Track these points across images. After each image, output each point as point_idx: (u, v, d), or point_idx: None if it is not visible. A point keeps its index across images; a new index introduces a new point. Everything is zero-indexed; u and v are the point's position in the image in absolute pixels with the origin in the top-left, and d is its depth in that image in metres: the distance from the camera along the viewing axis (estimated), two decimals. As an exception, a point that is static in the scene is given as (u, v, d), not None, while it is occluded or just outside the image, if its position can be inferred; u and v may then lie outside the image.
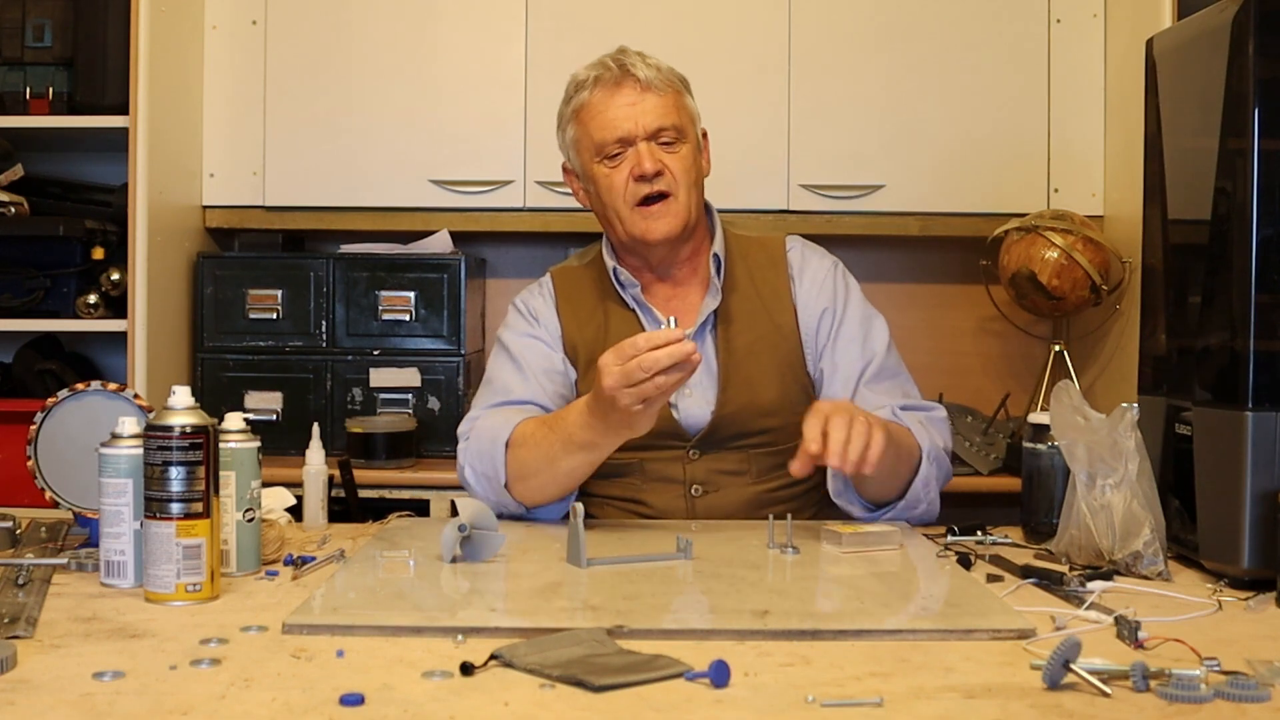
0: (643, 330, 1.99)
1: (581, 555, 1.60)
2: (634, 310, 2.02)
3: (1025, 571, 1.57)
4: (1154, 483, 1.62)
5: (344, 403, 3.02)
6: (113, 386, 1.75)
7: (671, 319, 1.68)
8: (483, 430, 1.92)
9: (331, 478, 2.02)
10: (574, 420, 1.81)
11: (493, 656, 1.19)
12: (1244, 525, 1.54)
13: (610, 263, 2.03)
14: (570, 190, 2.09)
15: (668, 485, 1.97)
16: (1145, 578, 1.57)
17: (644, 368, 1.65)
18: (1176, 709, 1.08)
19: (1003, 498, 2.67)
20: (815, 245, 2.11)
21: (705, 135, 2.06)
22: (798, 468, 1.71)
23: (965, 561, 1.63)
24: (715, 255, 2.01)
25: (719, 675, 1.13)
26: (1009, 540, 1.80)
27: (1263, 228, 1.56)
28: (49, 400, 1.75)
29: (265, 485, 1.68)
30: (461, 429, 1.99)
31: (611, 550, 1.67)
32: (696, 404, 1.98)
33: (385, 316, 3.03)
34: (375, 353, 3.03)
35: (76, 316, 2.90)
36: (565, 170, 2.07)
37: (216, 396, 2.97)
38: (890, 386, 1.98)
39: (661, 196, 1.94)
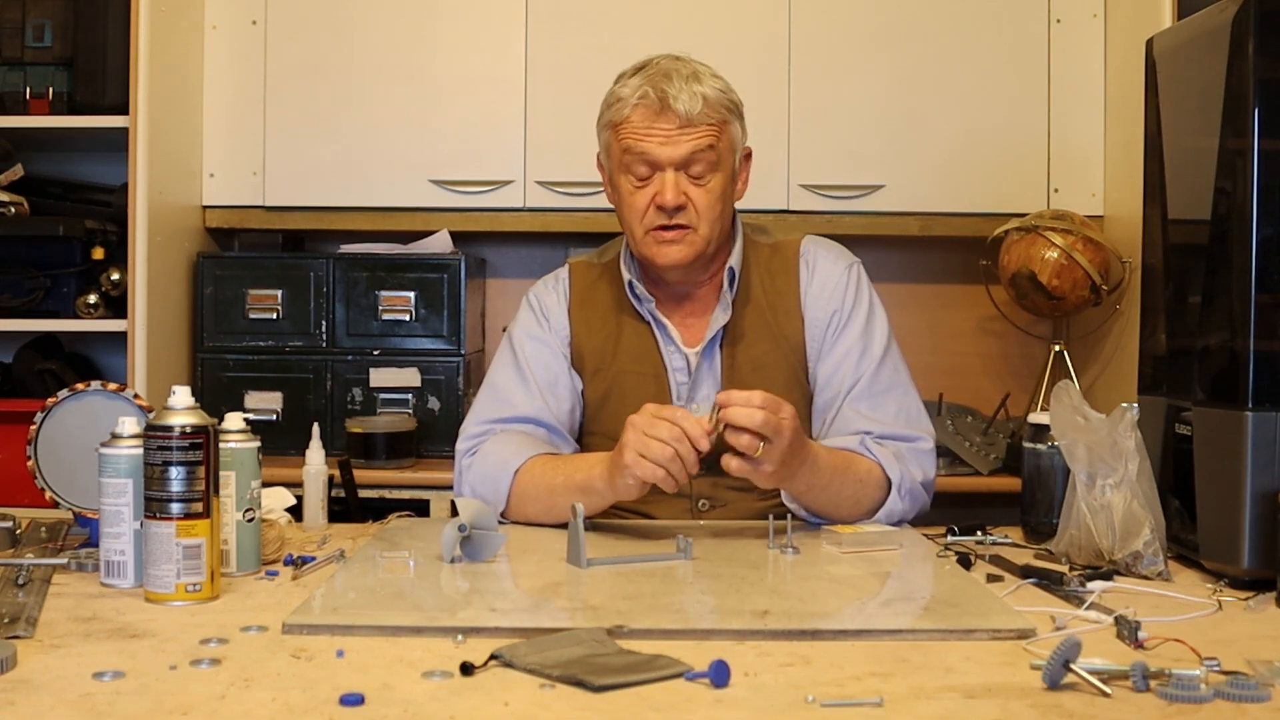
0: (655, 345, 1.99)
1: (581, 555, 1.60)
2: (649, 323, 2.00)
3: (1025, 571, 1.57)
4: (1154, 483, 1.62)
5: (344, 403, 3.02)
6: (113, 386, 1.75)
7: (703, 404, 1.69)
8: (490, 455, 1.91)
9: (331, 478, 2.02)
10: (590, 460, 1.83)
11: (493, 656, 1.19)
12: (1244, 525, 1.54)
13: (626, 275, 1.99)
14: (599, 182, 2.04)
15: (673, 499, 1.95)
16: (1145, 578, 1.57)
17: (670, 435, 1.67)
18: (1176, 709, 1.08)
19: (1003, 498, 2.67)
20: (833, 245, 2.06)
21: (749, 155, 2.01)
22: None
23: (965, 561, 1.63)
24: (730, 269, 1.97)
25: (719, 675, 1.13)
26: (1009, 540, 1.80)
27: (1263, 228, 1.56)
28: (49, 400, 1.75)
29: (265, 485, 1.68)
30: (463, 444, 1.96)
31: (611, 550, 1.67)
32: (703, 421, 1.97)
33: (385, 316, 3.03)
34: (375, 353, 3.03)
35: (76, 316, 2.90)
36: (599, 162, 2.02)
37: (216, 396, 2.97)
38: (875, 406, 1.93)
39: (679, 226, 1.91)
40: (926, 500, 1.93)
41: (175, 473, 1.42)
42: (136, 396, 1.74)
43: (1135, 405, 1.62)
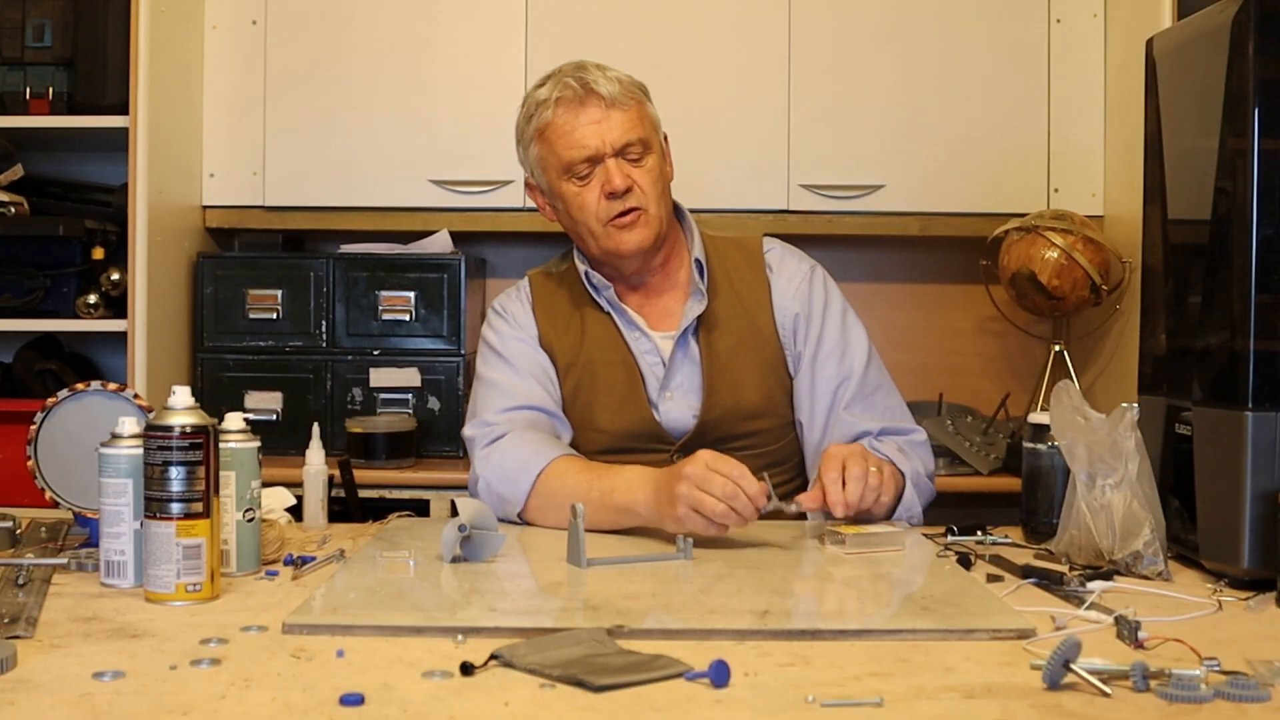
0: (619, 333, 2.00)
1: (581, 555, 1.60)
2: (609, 313, 2.02)
3: (1025, 571, 1.57)
4: (1154, 483, 1.62)
5: (344, 403, 3.02)
6: (113, 386, 1.75)
7: (765, 478, 1.69)
8: (511, 452, 1.89)
9: (331, 478, 2.02)
10: (629, 483, 1.78)
11: (493, 656, 1.19)
12: (1244, 525, 1.54)
13: (583, 267, 2.03)
14: (535, 205, 2.09)
15: None
16: (1145, 578, 1.57)
17: (724, 493, 1.65)
18: (1176, 709, 1.08)
19: (1003, 498, 2.67)
20: (794, 248, 2.10)
21: (666, 138, 2.05)
22: (806, 503, 1.75)
23: (965, 561, 1.63)
24: (697, 260, 2.00)
25: (719, 675, 1.13)
26: (1009, 540, 1.80)
27: (1263, 228, 1.56)
28: (49, 400, 1.75)
29: (265, 485, 1.68)
30: (476, 434, 1.95)
31: (611, 550, 1.67)
32: (679, 408, 1.98)
33: (385, 316, 3.02)
34: (375, 353, 3.03)
35: (76, 316, 2.90)
36: (529, 186, 2.07)
37: (216, 396, 2.97)
38: (868, 407, 1.97)
39: (633, 209, 1.94)
40: (932, 490, 1.97)
41: (175, 473, 1.42)
42: (136, 396, 1.74)
43: (1135, 405, 1.62)
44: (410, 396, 3.01)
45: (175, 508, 1.42)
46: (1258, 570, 1.54)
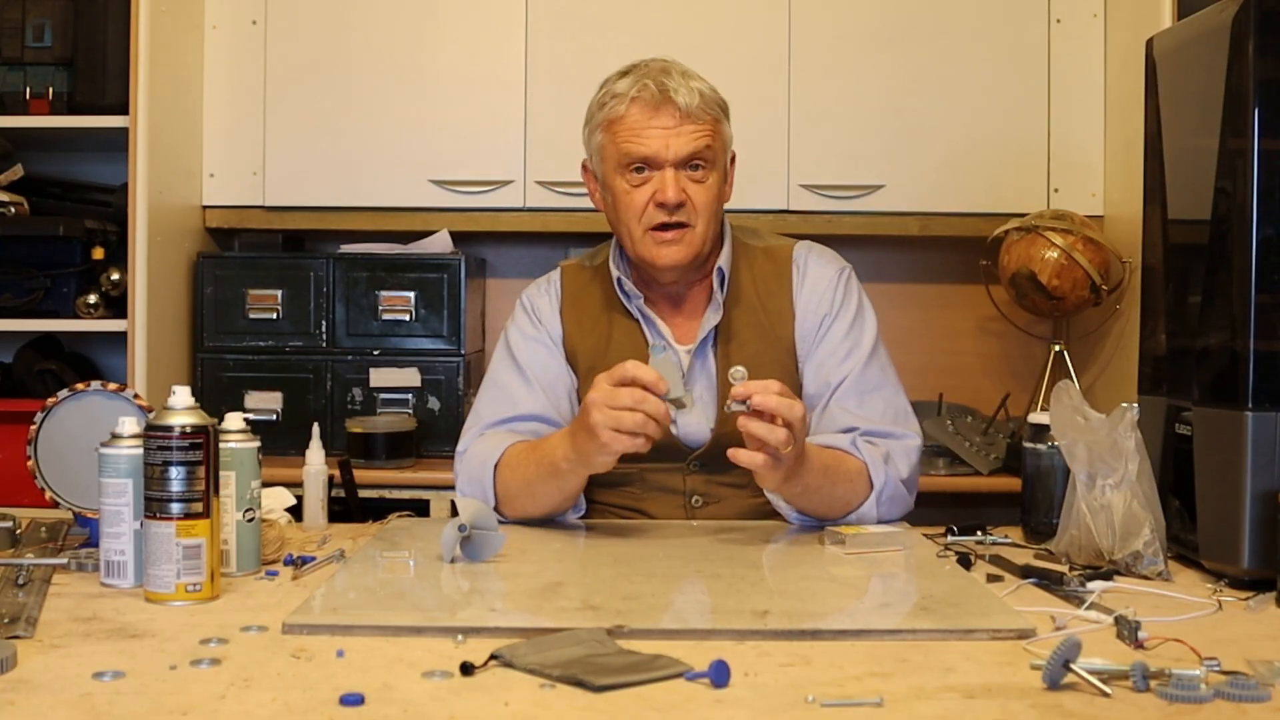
0: (647, 342, 1.97)
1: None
2: (638, 321, 2.00)
3: (1025, 571, 1.57)
4: (1154, 483, 1.62)
5: (344, 403, 3.02)
6: (113, 386, 1.75)
7: (674, 351, 1.67)
8: (474, 456, 1.91)
9: (331, 478, 2.02)
10: (553, 442, 1.81)
11: (493, 656, 1.19)
12: (1244, 525, 1.54)
13: (616, 273, 1.99)
14: (585, 188, 2.05)
15: (668, 495, 1.96)
16: (1145, 578, 1.57)
17: (634, 400, 1.65)
18: (1176, 709, 1.08)
19: (1003, 498, 2.67)
20: (826, 251, 2.06)
21: (734, 158, 2.02)
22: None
23: (965, 561, 1.63)
24: (719, 269, 1.97)
25: (719, 675, 1.13)
26: (1009, 540, 1.80)
27: (1263, 228, 1.56)
28: (49, 400, 1.75)
29: (265, 485, 1.68)
30: (463, 441, 1.97)
31: (612, 551, 1.67)
32: (697, 419, 1.96)
33: (385, 316, 3.02)
34: (375, 353, 3.03)
35: (76, 316, 2.90)
36: (585, 168, 2.03)
37: (216, 396, 2.97)
38: (863, 404, 1.92)
39: (678, 225, 1.91)
40: (908, 500, 1.91)
41: (175, 473, 1.42)
42: (136, 396, 1.74)
43: (1135, 405, 1.62)
44: (410, 396, 3.01)
45: (175, 508, 1.42)
46: (1258, 570, 1.53)
